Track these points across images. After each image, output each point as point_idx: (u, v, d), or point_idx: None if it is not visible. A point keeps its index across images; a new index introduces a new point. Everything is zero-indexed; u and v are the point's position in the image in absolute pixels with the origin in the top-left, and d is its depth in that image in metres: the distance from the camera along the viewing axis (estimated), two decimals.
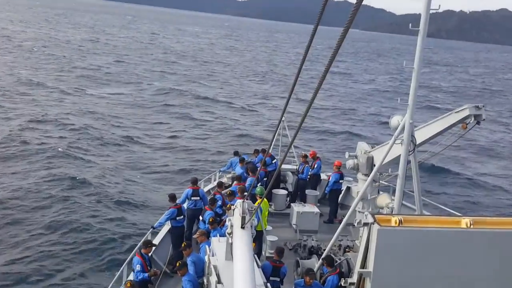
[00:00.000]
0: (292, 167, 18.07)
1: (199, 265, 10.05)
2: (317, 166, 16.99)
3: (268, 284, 8.57)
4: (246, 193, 11.92)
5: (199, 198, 13.55)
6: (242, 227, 7.72)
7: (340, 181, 16.38)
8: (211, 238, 10.44)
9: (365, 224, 7.57)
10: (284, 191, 16.54)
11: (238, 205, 8.02)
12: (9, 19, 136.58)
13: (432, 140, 12.33)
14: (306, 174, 16.74)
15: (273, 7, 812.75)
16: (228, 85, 63.77)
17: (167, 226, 13.07)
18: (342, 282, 8.34)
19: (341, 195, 16.79)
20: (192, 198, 13.51)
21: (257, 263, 9.14)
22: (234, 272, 6.94)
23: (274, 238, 12.79)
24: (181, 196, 13.76)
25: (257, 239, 12.05)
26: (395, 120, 11.30)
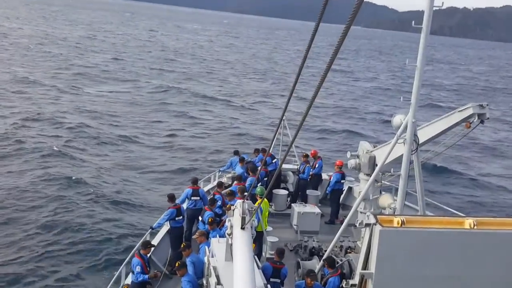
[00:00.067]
0: (293, 166, 17.97)
1: (198, 266, 10.03)
2: (318, 165, 16.90)
3: (269, 285, 8.57)
4: (246, 193, 11.89)
5: (199, 198, 13.51)
6: (242, 227, 7.73)
7: (342, 181, 16.27)
8: (210, 239, 10.35)
9: (367, 224, 7.62)
10: (284, 191, 16.47)
11: (238, 205, 8.05)
12: (5, 15, 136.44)
13: (435, 140, 12.20)
14: (307, 174, 16.65)
15: (273, 4, 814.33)
16: (228, 83, 63.60)
17: (166, 227, 13.02)
18: (343, 284, 8.37)
19: (342, 195, 16.69)
20: (192, 198, 13.46)
21: (257, 264, 9.12)
22: (234, 274, 6.91)
23: (275, 239, 12.73)
24: (180, 196, 13.65)
25: (257, 240, 12.02)
26: (398, 119, 11.18)
